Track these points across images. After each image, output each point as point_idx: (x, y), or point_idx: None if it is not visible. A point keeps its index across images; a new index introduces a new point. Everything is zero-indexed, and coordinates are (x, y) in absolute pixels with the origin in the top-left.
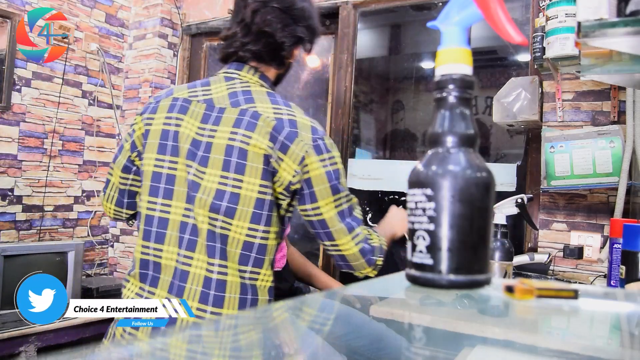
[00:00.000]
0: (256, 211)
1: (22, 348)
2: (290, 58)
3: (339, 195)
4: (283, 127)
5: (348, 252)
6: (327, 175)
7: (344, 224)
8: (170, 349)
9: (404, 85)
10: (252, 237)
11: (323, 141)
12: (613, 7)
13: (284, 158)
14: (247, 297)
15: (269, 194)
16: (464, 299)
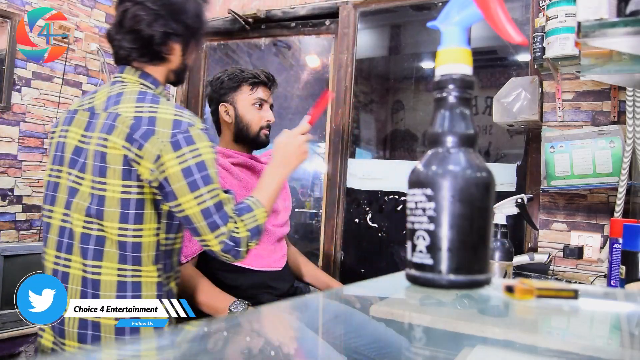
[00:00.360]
0: (123, 211)
1: (22, 348)
2: (170, 53)
3: (199, 192)
4: (140, 126)
5: (214, 248)
6: (183, 172)
7: (206, 223)
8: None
9: (404, 85)
10: (123, 236)
11: (185, 134)
12: (613, 7)
13: (142, 156)
14: (127, 293)
15: (134, 193)
16: (464, 299)
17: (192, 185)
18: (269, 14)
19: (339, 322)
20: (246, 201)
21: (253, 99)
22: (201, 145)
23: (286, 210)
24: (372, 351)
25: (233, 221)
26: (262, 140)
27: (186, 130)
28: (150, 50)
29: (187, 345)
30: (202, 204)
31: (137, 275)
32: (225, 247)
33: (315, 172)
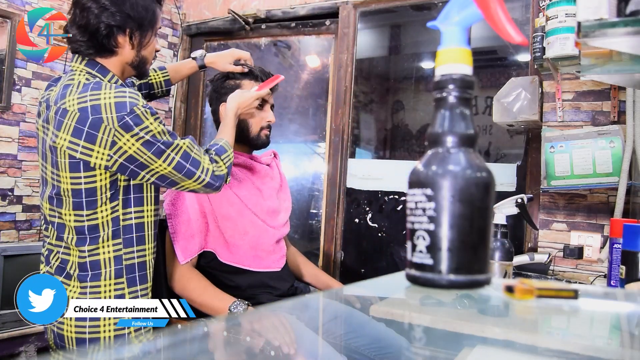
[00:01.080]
0: (75, 200)
1: (22, 348)
2: (117, 46)
3: (165, 154)
4: (87, 117)
5: (194, 188)
6: (144, 146)
7: (182, 174)
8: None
9: (404, 85)
10: (79, 222)
11: (132, 114)
12: (613, 7)
13: (94, 148)
14: (88, 273)
15: (83, 184)
16: (464, 299)
17: (157, 153)
18: (269, 14)
19: (339, 322)
20: (219, 142)
21: (259, 100)
22: (148, 122)
23: (286, 210)
24: (372, 351)
25: (209, 161)
26: (263, 141)
27: (132, 111)
28: (97, 43)
29: (187, 346)
30: (172, 162)
31: (94, 254)
32: (207, 184)
33: (315, 172)
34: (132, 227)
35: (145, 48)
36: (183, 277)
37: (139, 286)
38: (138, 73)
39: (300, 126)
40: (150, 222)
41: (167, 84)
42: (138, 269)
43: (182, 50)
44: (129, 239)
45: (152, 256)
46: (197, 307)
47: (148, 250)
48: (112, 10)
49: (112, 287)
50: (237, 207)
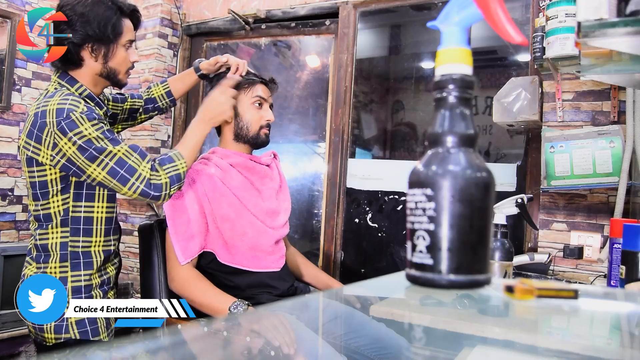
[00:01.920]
0: (33, 191)
1: (22, 348)
2: (81, 59)
3: (98, 160)
4: (37, 121)
5: (133, 196)
6: (79, 151)
7: (116, 180)
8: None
9: (404, 85)
10: (37, 210)
11: (67, 119)
12: (613, 7)
13: (41, 148)
14: (41, 254)
15: (36, 177)
16: (464, 299)
17: (91, 157)
18: (269, 14)
19: (339, 322)
20: (169, 153)
21: (252, 98)
22: (82, 127)
23: (286, 211)
24: (372, 351)
25: (149, 169)
26: (262, 140)
27: (68, 116)
28: (63, 57)
29: (187, 346)
30: (106, 167)
31: (44, 239)
32: (142, 192)
33: (315, 172)
34: (80, 219)
35: (112, 60)
36: (183, 277)
37: (83, 271)
38: (112, 83)
39: (300, 126)
40: (101, 217)
41: (168, 95)
42: (83, 257)
43: (182, 50)
44: (76, 229)
45: (99, 248)
46: (197, 307)
47: (95, 243)
48: (76, 27)
49: (57, 270)
50: (236, 208)
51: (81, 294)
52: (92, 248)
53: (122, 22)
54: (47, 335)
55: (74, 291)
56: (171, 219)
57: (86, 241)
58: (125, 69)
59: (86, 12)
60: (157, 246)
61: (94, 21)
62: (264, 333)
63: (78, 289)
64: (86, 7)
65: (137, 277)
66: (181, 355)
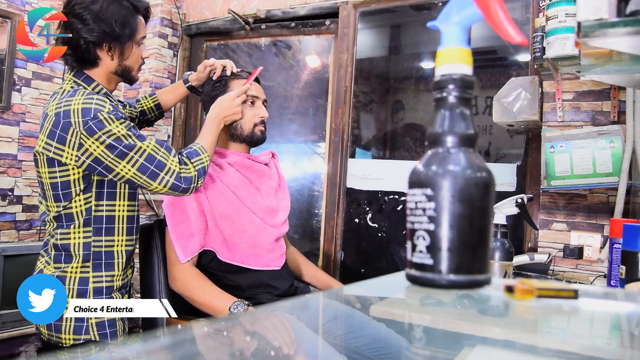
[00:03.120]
0: (54, 193)
1: (22, 348)
2: (98, 58)
3: (128, 157)
4: (60, 121)
5: (162, 191)
6: (107, 149)
7: (146, 176)
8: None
9: (404, 85)
10: (58, 211)
11: (95, 119)
12: (613, 7)
13: (64, 149)
14: (62, 253)
15: (58, 177)
16: (464, 299)
17: (121, 155)
18: (269, 14)
19: (339, 322)
20: (193, 147)
21: (244, 97)
22: (112, 126)
23: (285, 209)
24: (372, 351)
25: (178, 162)
26: (258, 137)
27: (95, 116)
28: (79, 56)
29: (187, 346)
30: (135, 164)
31: (66, 239)
32: (173, 186)
33: (315, 172)
34: (102, 218)
35: (128, 58)
36: (183, 276)
37: (104, 272)
38: (125, 80)
39: (300, 126)
40: (122, 216)
41: (157, 107)
42: (105, 257)
43: (182, 50)
44: (99, 229)
45: (122, 247)
46: (198, 306)
47: (117, 242)
48: (91, 26)
49: (78, 270)
50: (235, 206)
51: (102, 295)
52: (115, 247)
53: (137, 20)
54: (64, 336)
55: (95, 292)
56: (171, 218)
57: (109, 240)
58: (138, 65)
59: (102, 10)
60: (157, 246)
61: (111, 20)
62: (264, 333)
63: (99, 290)
64: (102, 6)
65: (137, 277)
66: (181, 355)
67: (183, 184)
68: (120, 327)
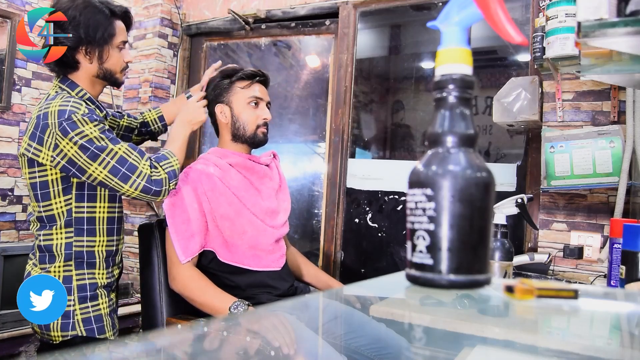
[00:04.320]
0: (34, 192)
1: (22, 348)
2: (77, 61)
3: (100, 158)
4: (39, 123)
5: (133, 194)
6: (80, 150)
7: (117, 179)
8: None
9: (404, 85)
10: (39, 212)
11: (69, 120)
12: (613, 7)
13: (41, 149)
14: (45, 254)
15: (37, 177)
16: (464, 299)
17: (92, 156)
18: (269, 14)
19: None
20: (162, 151)
21: (248, 98)
22: (85, 127)
23: (285, 211)
24: (372, 351)
25: (148, 166)
26: (260, 139)
27: (69, 117)
28: (59, 61)
29: (187, 346)
30: (107, 165)
31: (48, 239)
32: (144, 189)
33: (315, 172)
34: (83, 220)
35: (107, 61)
36: (184, 276)
37: (86, 270)
38: (110, 83)
39: (300, 126)
40: (103, 217)
41: (161, 119)
42: (87, 256)
43: (182, 50)
44: (80, 230)
45: (102, 248)
46: (198, 306)
47: (98, 242)
48: (67, 31)
49: (61, 269)
50: (235, 207)
51: (87, 291)
52: (96, 248)
53: (114, 24)
54: (53, 333)
55: (80, 289)
56: (171, 218)
57: (90, 241)
58: (120, 68)
59: (77, 15)
60: (157, 246)
61: (86, 24)
62: (264, 333)
63: (83, 287)
64: (78, 10)
65: (137, 277)
66: (181, 355)
67: (154, 186)
68: (108, 323)
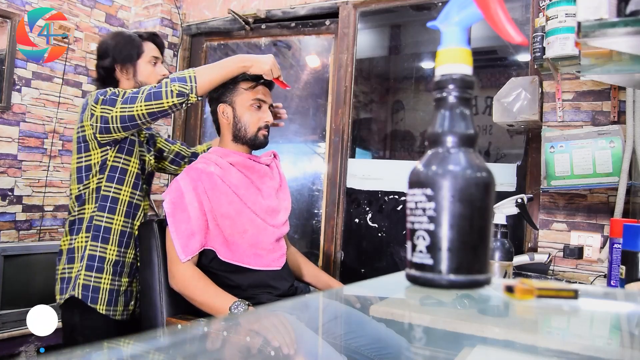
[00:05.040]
0: (78, 175)
1: (22, 348)
2: (116, 79)
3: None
4: (82, 107)
5: (170, 102)
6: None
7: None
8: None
9: (404, 85)
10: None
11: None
12: (613, 7)
13: (84, 124)
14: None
15: (83, 162)
16: (464, 299)
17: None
18: (269, 14)
19: (339, 322)
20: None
21: (252, 100)
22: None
23: (286, 210)
24: (372, 351)
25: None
26: (260, 141)
27: (105, 92)
28: (102, 80)
29: (187, 345)
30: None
31: (82, 213)
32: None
33: (315, 172)
34: (108, 198)
35: (139, 75)
36: (184, 275)
37: (99, 243)
38: None
39: (300, 126)
40: (125, 200)
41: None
42: (103, 231)
43: (182, 50)
44: (103, 206)
45: (118, 226)
46: (198, 306)
47: (116, 221)
48: (106, 56)
49: (82, 240)
50: (236, 206)
51: (94, 262)
52: (113, 225)
53: (141, 44)
54: (57, 296)
55: (89, 258)
56: (171, 217)
57: (109, 218)
58: (154, 81)
59: (110, 42)
60: (157, 246)
61: (117, 47)
62: (264, 333)
63: (92, 257)
64: (111, 39)
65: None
66: (181, 355)
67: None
68: (104, 298)
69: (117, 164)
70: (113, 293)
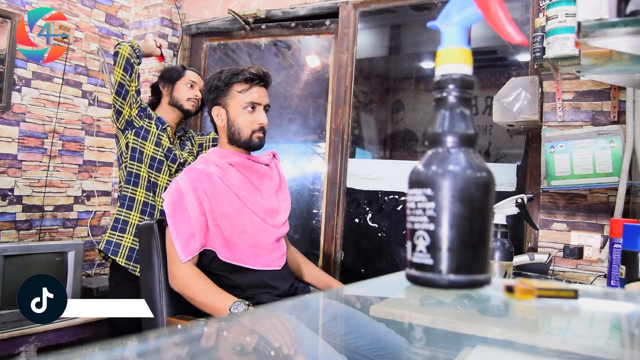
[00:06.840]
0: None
1: (22, 348)
2: (161, 93)
3: None
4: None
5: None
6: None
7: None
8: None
9: (404, 85)
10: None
11: None
12: (613, 7)
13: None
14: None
15: (116, 151)
16: (464, 299)
17: None
18: (269, 14)
19: (339, 322)
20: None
21: (245, 103)
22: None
23: (285, 210)
24: (372, 351)
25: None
26: (255, 144)
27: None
28: (155, 94)
29: (187, 345)
30: None
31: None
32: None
33: (315, 172)
34: (132, 173)
35: (175, 91)
36: (184, 275)
37: (124, 210)
38: (179, 109)
39: (300, 126)
40: (145, 176)
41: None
42: (128, 200)
43: (182, 50)
44: (129, 180)
45: (141, 197)
46: (198, 306)
47: (139, 193)
48: (158, 78)
49: (116, 209)
50: (235, 206)
51: (119, 224)
52: (137, 196)
53: (182, 71)
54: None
55: (115, 220)
56: (171, 217)
57: (133, 190)
58: (185, 98)
59: (163, 71)
60: (156, 246)
61: (164, 72)
62: (264, 333)
63: (117, 220)
64: (165, 71)
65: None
66: (181, 355)
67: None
68: (123, 254)
69: (136, 146)
70: (133, 251)
